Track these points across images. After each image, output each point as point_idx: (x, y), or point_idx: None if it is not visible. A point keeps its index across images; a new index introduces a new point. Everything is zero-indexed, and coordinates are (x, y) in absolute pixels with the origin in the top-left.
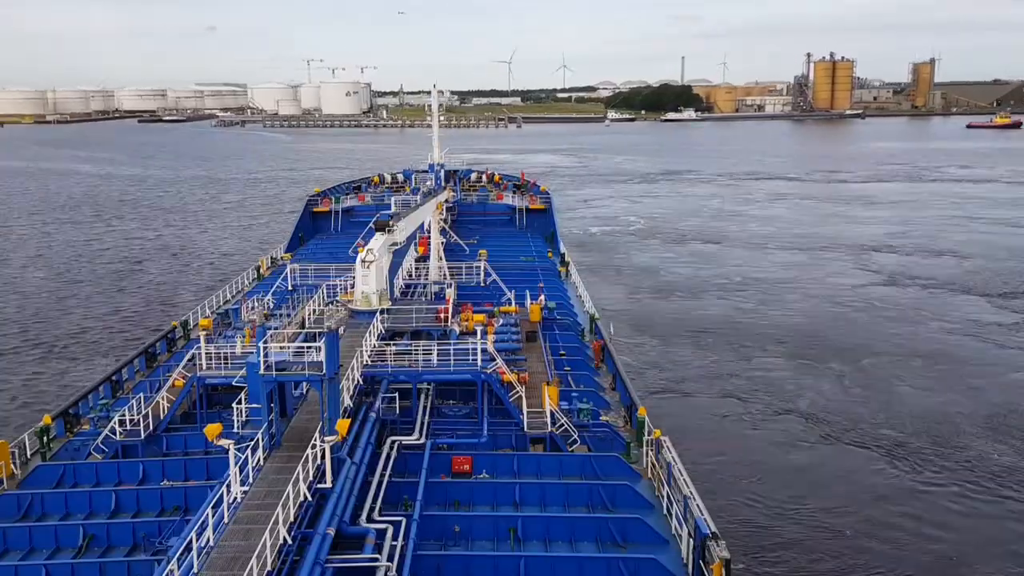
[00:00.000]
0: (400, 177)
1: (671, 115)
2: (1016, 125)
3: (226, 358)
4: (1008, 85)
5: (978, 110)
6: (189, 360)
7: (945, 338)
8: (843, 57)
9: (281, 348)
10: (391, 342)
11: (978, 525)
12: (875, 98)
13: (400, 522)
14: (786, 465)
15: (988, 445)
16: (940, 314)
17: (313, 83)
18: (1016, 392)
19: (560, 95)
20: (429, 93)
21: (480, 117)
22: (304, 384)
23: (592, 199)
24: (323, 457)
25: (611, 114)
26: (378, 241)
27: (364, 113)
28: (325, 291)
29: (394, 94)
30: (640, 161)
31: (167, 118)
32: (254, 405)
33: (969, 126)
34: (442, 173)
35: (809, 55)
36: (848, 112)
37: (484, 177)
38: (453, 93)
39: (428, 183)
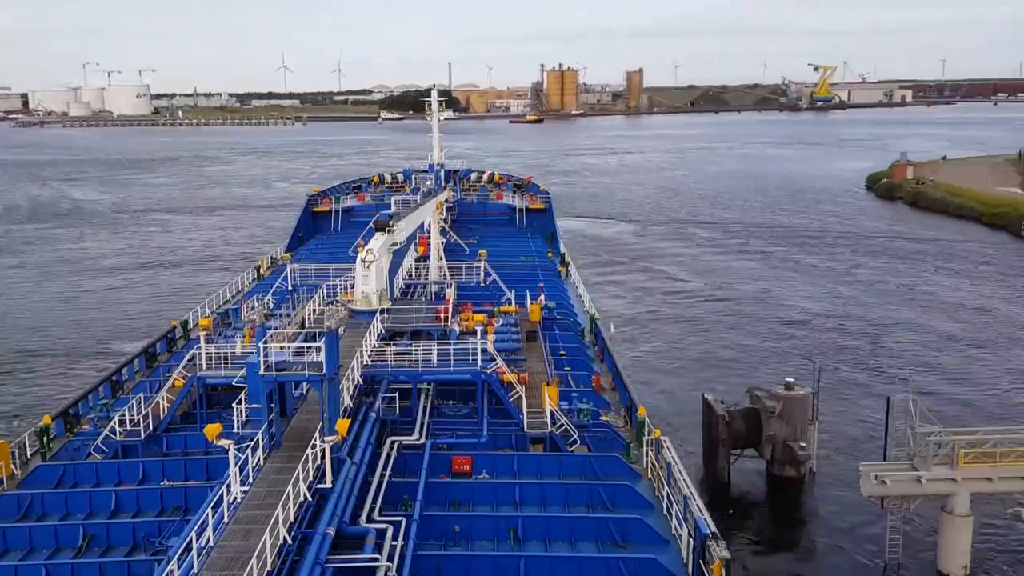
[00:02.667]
0: (400, 177)
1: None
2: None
3: (226, 358)
4: (699, 89)
5: (675, 109)
6: (189, 360)
7: None
8: (569, 67)
9: (281, 348)
10: (391, 342)
11: None
12: (598, 100)
13: (400, 522)
14: None
15: None
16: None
17: (91, 86)
18: None
19: (337, 97)
20: (209, 95)
21: (268, 116)
22: (304, 384)
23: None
24: (323, 457)
25: (383, 114)
26: (378, 241)
27: (154, 113)
28: (325, 291)
29: (188, 95)
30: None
31: None
32: (254, 405)
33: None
34: (442, 173)
35: (543, 65)
36: (573, 112)
37: (484, 177)
38: (231, 95)
39: (428, 183)
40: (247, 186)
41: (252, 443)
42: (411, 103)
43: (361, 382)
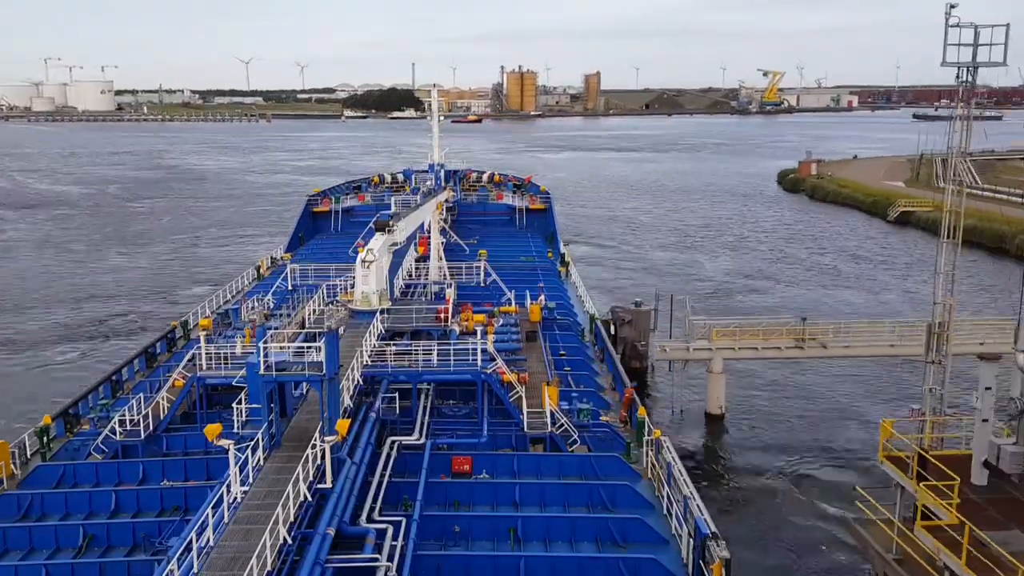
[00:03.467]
0: (400, 177)
1: (396, 113)
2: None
3: (226, 358)
4: (653, 92)
5: (630, 112)
6: (189, 360)
7: None
8: (529, 69)
9: (281, 348)
10: (391, 342)
11: None
12: (557, 102)
13: (400, 522)
14: None
15: None
16: None
17: (52, 81)
18: None
19: (300, 95)
20: (171, 92)
21: (232, 113)
22: (304, 384)
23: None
24: (323, 457)
25: (347, 112)
26: (378, 241)
27: (118, 109)
28: (325, 291)
29: (152, 92)
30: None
31: None
32: (254, 405)
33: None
34: (442, 173)
35: (503, 67)
36: (532, 113)
37: (484, 177)
38: (193, 92)
39: (428, 183)
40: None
41: (252, 443)
42: (374, 102)
43: (361, 382)
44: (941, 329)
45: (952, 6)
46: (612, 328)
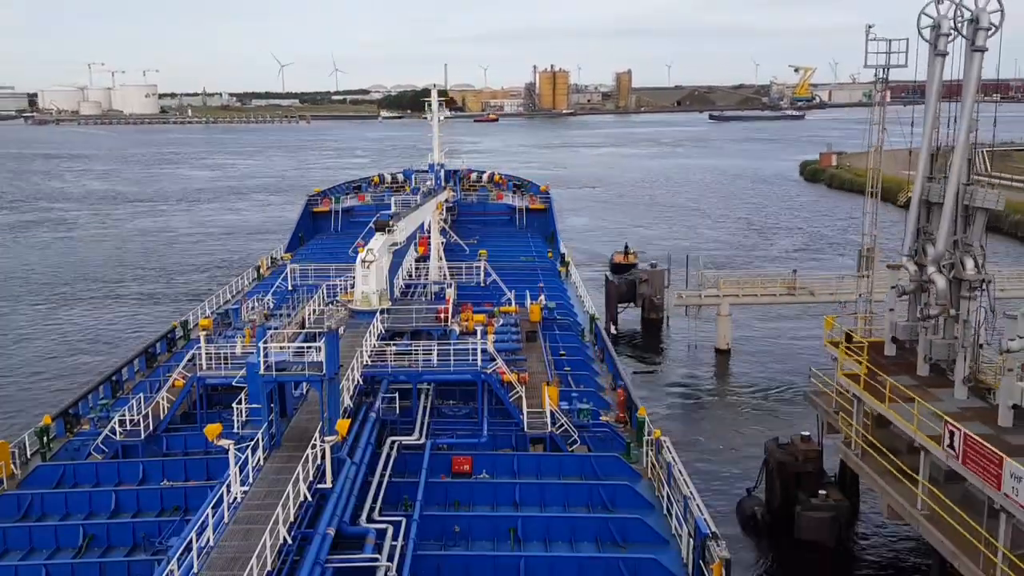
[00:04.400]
0: (400, 177)
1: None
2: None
3: (226, 358)
4: (684, 89)
5: (662, 109)
6: (189, 360)
7: None
8: (561, 68)
9: (281, 348)
10: (391, 342)
11: None
12: (588, 100)
13: (400, 522)
14: None
15: None
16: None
17: (96, 85)
18: None
19: (335, 97)
20: (210, 95)
21: (272, 115)
22: (304, 384)
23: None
24: (323, 457)
25: (383, 113)
26: (378, 241)
27: (162, 112)
28: (325, 291)
29: (193, 95)
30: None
31: None
32: (254, 405)
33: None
34: (442, 173)
35: (535, 66)
36: (564, 111)
37: (484, 177)
38: (231, 95)
39: (428, 183)
40: None
41: (252, 443)
42: (408, 102)
43: (361, 382)
44: (869, 252)
45: (870, 26)
46: (630, 286)
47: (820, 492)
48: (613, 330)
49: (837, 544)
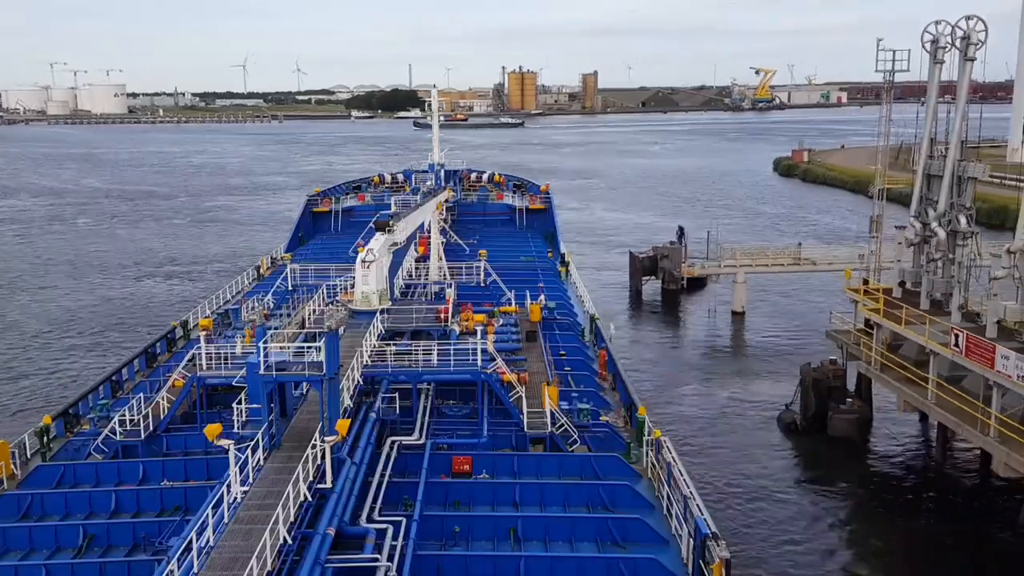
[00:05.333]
0: (400, 177)
1: (401, 113)
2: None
3: (226, 358)
4: (649, 91)
5: (627, 110)
6: (189, 360)
7: None
8: (529, 69)
9: (281, 348)
10: (391, 342)
11: None
12: (556, 101)
13: (400, 522)
14: None
15: None
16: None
17: (59, 85)
18: None
19: (300, 97)
20: (171, 95)
21: (245, 115)
22: (304, 384)
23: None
24: (323, 457)
25: (355, 113)
26: (378, 241)
27: (130, 112)
28: (325, 291)
29: (160, 95)
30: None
31: None
32: (254, 405)
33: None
34: (442, 173)
35: (504, 67)
36: (533, 112)
37: (484, 177)
38: (194, 95)
39: (428, 183)
40: None
41: (252, 443)
42: (378, 103)
43: (361, 382)
44: (878, 219)
45: (880, 40)
46: (652, 261)
47: (848, 399)
48: (640, 295)
49: (860, 439)
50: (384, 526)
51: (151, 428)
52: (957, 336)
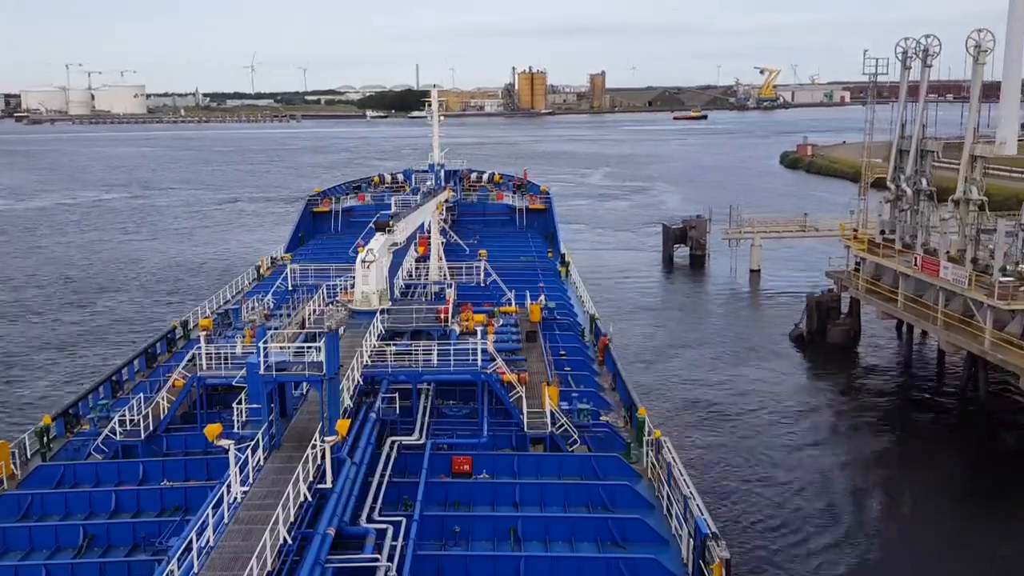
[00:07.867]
0: (400, 177)
1: (415, 113)
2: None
3: (226, 358)
4: (657, 90)
5: (634, 109)
6: (189, 360)
7: None
8: (539, 70)
9: (281, 348)
10: (391, 342)
11: None
12: (564, 100)
13: (400, 522)
14: None
15: None
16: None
17: (75, 86)
18: None
19: (308, 98)
20: (183, 95)
21: (263, 115)
22: (304, 384)
23: None
24: (323, 457)
25: (370, 112)
26: (378, 241)
27: (150, 112)
28: (325, 291)
29: (178, 95)
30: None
31: None
32: (254, 405)
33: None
34: (442, 173)
35: (514, 68)
36: (543, 111)
37: (484, 177)
38: (205, 95)
39: (428, 183)
40: None
41: (252, 443)
42: (391, 102)
43: (361, 382)
44: (865, 186)
45: (865, 50)
46: (682, 231)
47: (841, 315)
48: (672, 261)
49: (851, 345)
50: (384, 526)
51: (151, 428)
52: (916, 259)
